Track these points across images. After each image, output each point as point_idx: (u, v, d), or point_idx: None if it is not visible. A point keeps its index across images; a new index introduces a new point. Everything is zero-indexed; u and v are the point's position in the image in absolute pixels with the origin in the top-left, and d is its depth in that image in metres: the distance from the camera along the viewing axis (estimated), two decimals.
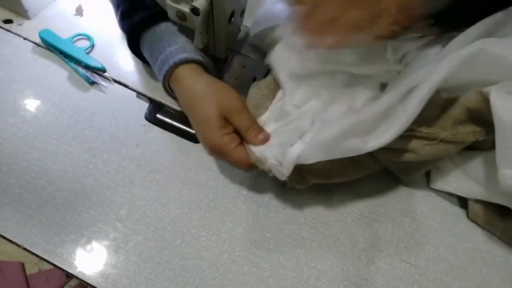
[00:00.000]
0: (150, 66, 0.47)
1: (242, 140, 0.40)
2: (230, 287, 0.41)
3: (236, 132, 0.40)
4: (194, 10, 0.35)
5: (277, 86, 0.45)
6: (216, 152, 0.39)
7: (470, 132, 0.39)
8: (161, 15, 0.42)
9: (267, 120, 0.42)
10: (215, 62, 0.47)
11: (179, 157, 0.48)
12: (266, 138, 0.40)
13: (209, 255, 0.42)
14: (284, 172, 0.37)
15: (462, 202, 0.48)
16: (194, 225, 0.44)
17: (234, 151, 0.38)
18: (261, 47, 0.52)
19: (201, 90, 0.40)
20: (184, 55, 0.41)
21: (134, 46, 0.46)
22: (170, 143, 0.49)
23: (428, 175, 0.49)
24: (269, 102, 0.44)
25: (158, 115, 0.49)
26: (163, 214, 0.44)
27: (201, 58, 0.42)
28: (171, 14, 0.38)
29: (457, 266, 0.44)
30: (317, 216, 0.46)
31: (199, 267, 0.41)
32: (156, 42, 0.43)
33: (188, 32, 0.42)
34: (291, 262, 0.43)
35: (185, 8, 0.36)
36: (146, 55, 0.46)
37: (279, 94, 0.44)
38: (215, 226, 0.44)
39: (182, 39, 0.43)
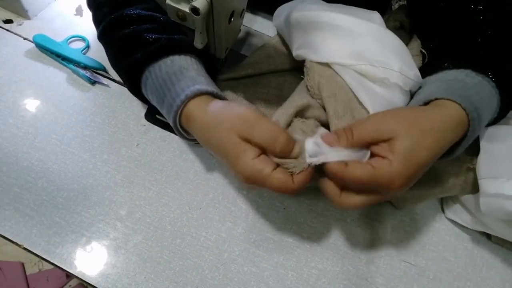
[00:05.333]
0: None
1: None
2: (230, 287, 0.41)
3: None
4: (194, 10, 0.35)
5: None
6: (253, 182, 0.33)
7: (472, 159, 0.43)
8: (165, 49, 0.39)
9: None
10: (215, 62, 0.47)
11: (179, 157, 0.48)
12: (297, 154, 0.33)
13: (209, 255, 0.42)
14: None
15: None
16: (194, 224, 0.44)
17: (271, 176, 0.32)
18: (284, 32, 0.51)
19: (212, 120, 0.35)
20: (196, 87, 0.36)
21: (134, 85, 0.41)
22: (170, 143, 0.49)
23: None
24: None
25: (157, 115, 0.49)
26: (163, 214, 0.44)
27: (214, 90, 0.38)
28: (171, 14, 0.38)
29: (457, 265, 0.44)
30: (317, 216, 0.46)
31: (199, 266, 0.41)
32: (163, 78, 0.38)
33: (188, 32, 0.42)
34: (291, 262, 0.43)
35: (185, 8, 0.36)
36: (150, 93, 0.40)
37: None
38: (215, 225, 0.44)
39: (192, 72, 0.39)
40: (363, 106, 0.38)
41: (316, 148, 0.33)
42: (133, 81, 0.40)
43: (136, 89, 0.41)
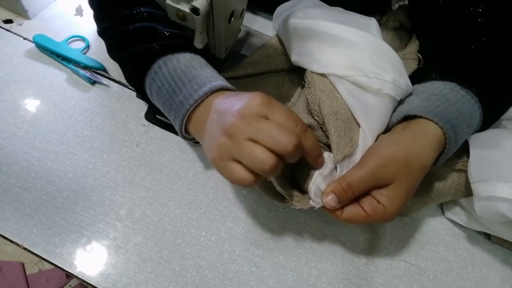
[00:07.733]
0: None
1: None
2: (230, 287, 0.41)
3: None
4: (194, 10, 0.35)
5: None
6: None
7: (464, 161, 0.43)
8: (185, 45, 0.39)
9: None
10: (215, 62, 0.47)
11: (179, 157, 0.48)
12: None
13: (209, 255, 0.42)
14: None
15: None
16: (194, 224, 0.44)
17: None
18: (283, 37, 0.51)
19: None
20: (219, 82, 0.37)
21: (138, 73, 0.40)
22: (170, 143, 0.49)
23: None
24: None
25: (158, 115, 0.49)
26: (163, 214, 0.44)
27: (234, 89, 0.39)
28: (171, 14, 0.38)
29: (457, 265, 0.45)
30: (317, 216, 0.46)
31: (199, 266, 0.41)
32: (182, 70, 0.38)
33: (188, 32, 0.42)
34: (291, 262, 0.43)
35: (185, 8, 0.36)
36: (157, 83, 0.39)
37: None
38: (215, 225, 0.44)
39: (212, 71, 0.39)
40: (357, 122, 0.39)
41: (318, 191, 0.37)
42: (139, 69, 0.39)
43: (138, 79, 0.40)
